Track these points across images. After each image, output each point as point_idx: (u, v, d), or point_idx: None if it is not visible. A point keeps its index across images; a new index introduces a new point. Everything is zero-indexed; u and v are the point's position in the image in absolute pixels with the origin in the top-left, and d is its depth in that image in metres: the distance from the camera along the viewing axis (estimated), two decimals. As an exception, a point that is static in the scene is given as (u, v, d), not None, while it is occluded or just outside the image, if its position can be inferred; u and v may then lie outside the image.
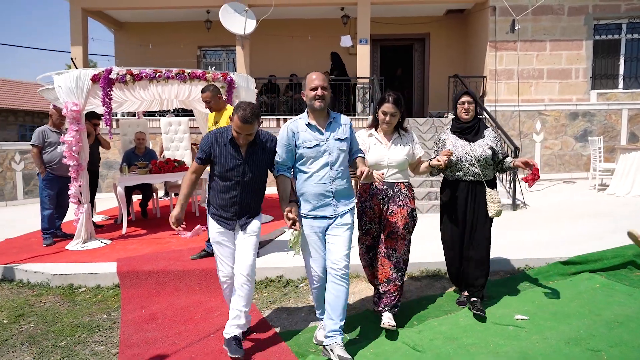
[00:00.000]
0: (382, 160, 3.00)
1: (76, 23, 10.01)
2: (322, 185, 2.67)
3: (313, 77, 2.68)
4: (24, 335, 3.16)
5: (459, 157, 3.14)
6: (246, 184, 2.78)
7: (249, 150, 2.75)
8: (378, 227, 3.07)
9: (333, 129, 2.72)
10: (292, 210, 2.61)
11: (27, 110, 20.89)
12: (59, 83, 4.94)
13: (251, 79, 6.46)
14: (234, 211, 2.80)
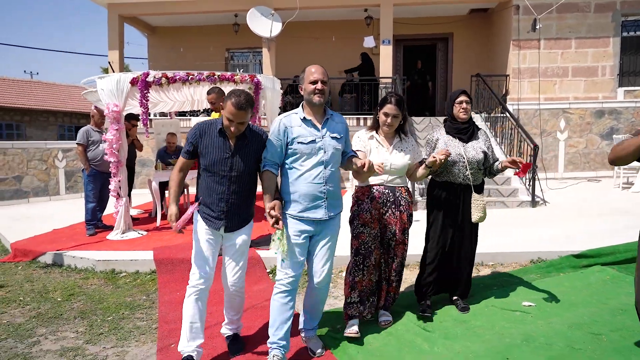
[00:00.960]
0: (385, 165, 2.85)
1: (113, 29, 10.60)
2: (315, 185, 2.52)
3: (312, 70, 2.54)
4: (76, 311, 3.56)
5: (452, 158, 3.01)
6: (235, 180, 2.57)
7: (238, 142, 2.57)
8: (372, 232, 2.91)
9: (330, 126, 2.61)
10: (275, 207, 2.44)
11: (65, 111, 21.95)
12: (101, 86, 5.38)
13: (277, 80, 6.78)
14: (221, 209, 2.57)
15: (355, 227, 2.94)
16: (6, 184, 8.70)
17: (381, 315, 3.08)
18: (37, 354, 2.85)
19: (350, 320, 2.91)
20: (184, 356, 2.54)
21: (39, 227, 6.22)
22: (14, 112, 20.35)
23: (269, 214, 2.44)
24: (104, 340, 3.05)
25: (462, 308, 3.21)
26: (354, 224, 2.95)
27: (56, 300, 3.79)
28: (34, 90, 22.25)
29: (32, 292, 4.00)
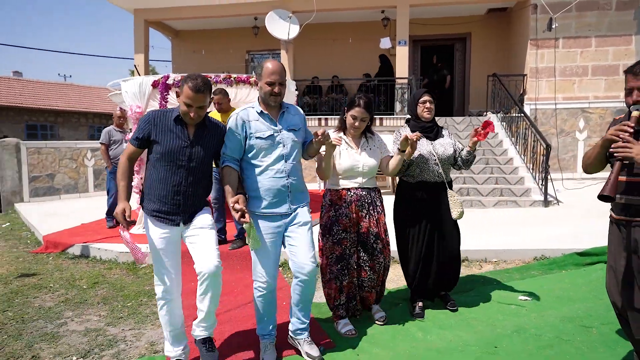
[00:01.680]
0: (357, 166, 2.86)
1: (139, 33, 11.06)
2: (277, 179, 2.48)
3: (270, 70, 2.44)
4: (99, 297, 3.85)
5: (424, 155, 3.02)
6: (192, 170, 2.42)
7: (197, 132, 2.44)
8: (353, 237, 2.90)
9: (286, 119, 2.56)
10: (238, 200, 2.32)
11: (95, 112, 22.82)
12: (125, 89, 5.72)
13: (291, 82, 6.99)
14: (177, 202, 2.41)
15: (335, 233, 2.87)
16: (40, 181, 9.23)
17: (376, 312, 3.12)
18: (64, 333, 3.14)
19: (341, 320, 2.96)
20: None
21: (68, 221, 6.63)
22: (49, 113, 21.32)
23: (233, 208, 2.31)
24: (124, 323, 3.32)
25: (451, 306, 3.21)
26: (333, 230, 2.87)
27: (82, 288, 4.09)
28: (67, 93, 23.23)
29: (61, 279, 4.33)
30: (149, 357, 2.77)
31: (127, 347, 2.93)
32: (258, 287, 2.59)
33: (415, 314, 3.15)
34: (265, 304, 2.61)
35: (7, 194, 8.95)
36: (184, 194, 2.42)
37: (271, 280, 2.56)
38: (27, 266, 4.81)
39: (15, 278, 4.39)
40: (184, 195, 2.42)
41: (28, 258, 5.17)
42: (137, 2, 10.61)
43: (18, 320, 3.36)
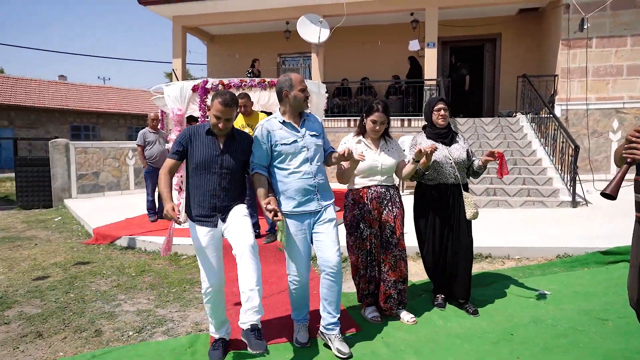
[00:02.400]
0: (376, 166, 3.05)
1: (177, 39, 11.62)
2: (305, 180, 2.71)
3: (299, 79, 2.72)
4: (147, 284, 4.24)
5: (440, 160, 3.20)
6: (224, 176, 2.68)
7: (226, 142, 2.71)
8: (376, 231, 3.09)
9: (308, 126, 2.80)
10: (270, 201, 2.59)
11: (134, 114, 23.84)
12: (167, 93, 6.15)
13: (322, 85, 7.27)
14: (213, 206, 2.66)
15: (363, 230, 3.07)
16: (86, 179, 9.89)
17: (404, 315, 3.18)
18: (119, 313, 3.53)
19: (369, 307, 3.21)
20: (216, 338, 2.79)
21: (113, 216, 7.15)
22: (91, 114, 22.46)
23: (266, 209, 2.55)
24: (170, 306, 3.68)
25: (474, 311, 3.23)
26: (360, 228, 3.07)
27: (131, 275, 4.51)
28: (107, 95, 24.38)
29: (111, 267, 4.77)
30: (195, 334, 3.10)
31: (175, 325, 3.28)
32: (292, 281, 2.84)
33: (437, 304, 3.37)
34: (299, 295, 2.88)
35: (58, 191, 9.64)
36: (219, 197, 2.67)
37: (305, 274, 2.80)
38: (81, 255, 5.29)
39: (72, 265, 4.86)
40: (219, 199, 2.67)
41: (81, 248, 5.66)
42: (176, 9, 11.15)
43: (79, 301, 3.79)
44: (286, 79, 2.76)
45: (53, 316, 3.46)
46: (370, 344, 2.84)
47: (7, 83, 21.10)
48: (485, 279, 3.90)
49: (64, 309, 3.60)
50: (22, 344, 3.01)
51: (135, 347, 2.93)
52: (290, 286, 2.87)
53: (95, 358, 2.77)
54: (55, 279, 4.40)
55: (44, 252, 5.45)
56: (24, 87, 21.27)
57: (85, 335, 3.13)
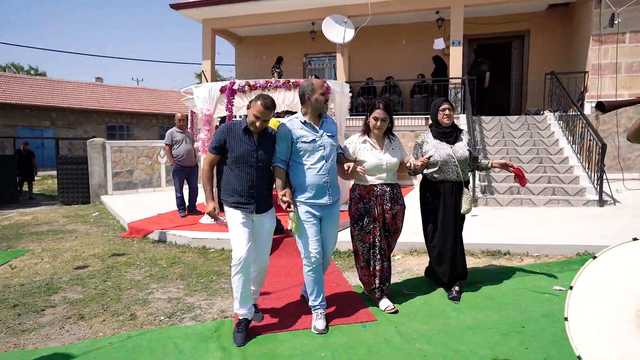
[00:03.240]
0: (381, 164, 3.26)
1: (207, 41, 12.00)
2: (320, 176, 3.01)
3: (319, 84, 3.05)
4: (177, 274, 4.52)
5: (443, 158, 3.42)
6: (260, 169, 3.00)
7: (260, 139, 3.02)
8: (379, 225, 3.31)
9: (325, 127, 3.10)
10: (286, 194, 2.95)
11: (165, 114, 24.62)
12: (197, 94, 6.44)
13: (345, 85, 7.41)
14: (251, 194, 2.98)
15: (366, 224, 3.30)
16: (121, 176, 10.39)
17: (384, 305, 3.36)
18: (151, 300, 3.80)
19: (380, 301, 3.35)
20: (240, 318, 3.00)
21: (146, 211, 7.52)
22: (125, 115, 23.35)
23: (281, 200, 2.93)
24: (198, 295, 3.92)
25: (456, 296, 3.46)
26: (364, 221, 3.30)
27: (162, 266, 4.80)
28: (140, 96, 25.27)
29: (145, 259, 5.07)
30: (220, 320, 3.33)
31: (203, 312, 3.51)
32: (307, 263, 3.08)
33: (452, 297, 3.50)
34: (314, 278, 3.10)
35: (95, 187, 10.17)
36: (256, 187, 3.01)
37: (317, 256, 3.04)
38: (117, 247, 5.64)
39: (109, 256, 5.21)
40: (256, 189, 3.01)
41: (117, 241, 6.03)
42: (205, 12, 11.52)
43: (116, 289, 4.09)
44: (309, 84, 3.07)
45: (93, 301, 3.77)
46: (384, 333, 2.98)
47: (49, 86, 22.22)
48: (501, 275, 3.96)
49: (102, 295, 3.91)
50: (67, 325, 3.31)
51: (166, 330, 3.18)
52: (305, 269, 3.11)
53: (130, 338, 3.04)
54: (94, 268, 4.74)
55: (83, 244, 5.84)
56: (63, 89, 22.34)
57: (122, 318, 3.40)
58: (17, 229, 7.15)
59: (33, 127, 20.27)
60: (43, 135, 20.05)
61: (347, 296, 3.71)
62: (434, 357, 2.65)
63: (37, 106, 20.08)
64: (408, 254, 4.82)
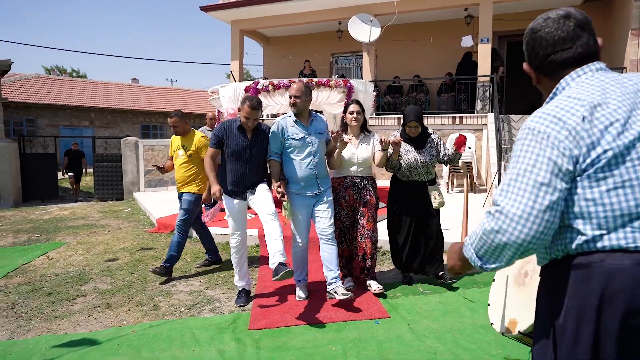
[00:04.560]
0: (353, 157, 3.67)
1: (235, 42, 12.25)
2: (309, 170, 3.39)
3: (293, 88, 3.42)
4: (199, 269, 4.67)
5: (411, 162, 3.77)
6: (252, 161, 3.41)
7: (253, 135, 3.42)
8: (349, 214, 3.72)
9: (314, 125, 3.47)
10: (280, 184, 3.36)
11: (197, 113, 25.23)
12: (222, 93, 6.61)
13: (369, 84, 7.42)
14: (244, 184, 3.43)
15: (337, 210, 3.71)
16: (153, 174, 10.74)
17: (371, 285, 3.72)
18: (174, 292, 3.96)
19: (346, 278, 3.82)
20: (240, 289, 3.65)
21: (175, 208, 7.74)
22: (158, 114, 24.09)
23: (276, 190, 3.34)
24: (218, 288, 4.05)
25: (450, 279, 3.81)
26: (335, 209, 3.69)
27: (186, 260, 4.97)
28: (173, 96, 26.01)
29: (170, 253, 5.27)
30: (237, 313, 3.44)
31: (221, 305, 3.63)
32: (295, 245, 3.53)
33: (406, 282, 3.94)
34: (300, 257, 3.59)
35: (128, 184, 10.58)
36: (249, 178, 3.46)
37: (304, 240, 3.53)
38: (145, 242, 5.87)
39: (137, 250, 5.43)
40: (249, 179, 3.46)
41: (146, 236, 6.27)
42: (234, 14, 11.77)
43: (142, 281, 4.28)
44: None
45: (120, 292, 3.96)
46: (396, 330, 3.00)
47: (89, 87, 23.22)
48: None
49: (129, 287, 4.10)
50: (95, 313, 3.51)
51: (186, 320, 3.32)
52: (294, 249, 3.55)
53: (152, 327, 3.19)
54: (123, 261, 4.97)
55: (114, 238, 6.12)
56: (102, 90, 23.29)
57: (145, 308, 3.57)
58: (56, 223, 7.55)
59: (73, 127, 21.23)
60: (82, 135, 20.98)
61: (362, 293, 3.74)
62: (444, 354, 2.65)
63: (77, 107, 21.02)
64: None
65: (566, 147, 1.08)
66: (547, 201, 1.07)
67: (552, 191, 1.07)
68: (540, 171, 1.08)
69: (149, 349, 2.87)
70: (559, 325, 1.13)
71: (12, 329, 3.24)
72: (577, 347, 1.09)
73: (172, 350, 2.84)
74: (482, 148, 9.26)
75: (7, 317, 3.44)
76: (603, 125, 1.07)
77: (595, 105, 1.09)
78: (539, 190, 1.07)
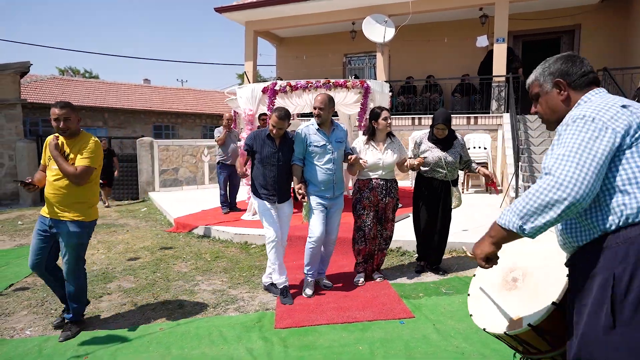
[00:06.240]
0: (379, 162, 3.88)
1: (249, 43, 12.31)
2: (328, 175, 3.67)
3: (317, 100, 3.65)
4: (220, 268, 4.72)
5: (434, 160, 4.03)
6: (280, 167, 3.67)
7: (281, 142, 3.68)
8: (370, 214, 3.93)
9: (335, 134, 3.73)
10: (302, 187, 3.62)
11: (208, 114, 25.40)
12: (240, 94, 6.66)
13: (385, 84, 7.43)
14: (274, 188, 3.67)
15: (357, 210, 3.98)
16: (168, 174, 10.86)
17: (375, 275, 4.16)
18: (197, 291, 4.00)
19: (358, 274, 4.09)
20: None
21: (191, 207, 7.85)
22: (170, 115, 24.27)
23: (297, 192, 3.60)
24: (240, 287, 4.10)
25: (443, 272, 4.24)
26: (357, 208, 3.98)
27: (207, 260, 5.02)
28: (184, 97, 26.18)
29: (190, 252, 5.33)
30: (262, 312, 3.47)
31: (245, 304, 3.67)
32: (310, 241, 3.70)
33: (416, 271, 4.27)
34: (313, 253, 3.74)
35: (143, 184, 10.70)
36: (278, 182, 3.70)
37: (320, 237, 3.69)
38: (164, 241, 5.94)
39: (158, 249, 5.50)
40: (278, 183, 3.70)
41: (164, 235, 6.35)
42: (249, 15, 11.83)
43: (164, 279, 4.33)
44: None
45: (144, 290, 4.02)
46: (422, 330, 3.02)
47: (102, 88, 23.48)
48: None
49: (152, 285, 4.16)
50: (122, 311, 3.57)
51: (212, 319, 3.36)
52: (308, 245, 3.73)
53: (179, 325, 3.24)
54: (145, 260, 5.04)
55: (134, 238, 6.20)
56: (115, 91, 23.53)
57: (171, 307, 3.62)
58: (75, 222, 7.66)
59: (88, 127, 21.46)
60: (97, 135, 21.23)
61: (385, 293, 3.76)
62: (472, 355, 2.66)
63: (91, 107, 21.28)
64: (447, 253, 4.79)
65: (613, 127, 1.34)
66: (594, 168, 1.30)
67: (599, 161, 1.31)
68: (592, 146, 1.32)
69: (178, 346, 2.91)
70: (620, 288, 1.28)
71: (44, 325, 3.31)
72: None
73: (201, 348, 2.88)
74: (497, 148, 9.21)
75: (38, 314, 3.51)
76: (637, 112, 1.37)
77: (624, 104, 1.39)
78: (589, 159, 1.31)
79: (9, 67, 10.41)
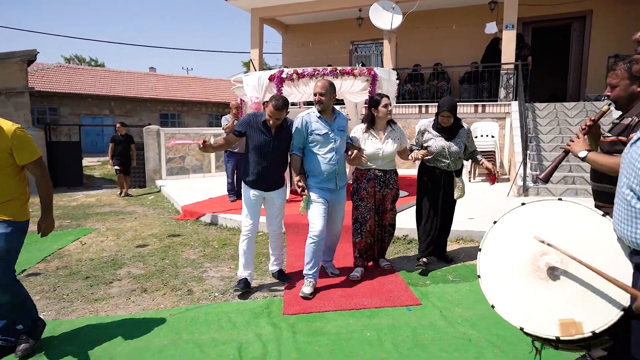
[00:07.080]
0: (378, 152, 3.74)
1: (255, 30, 12.23)
2: (330, 165, 3.47)
3: (317, 86, 3.48)
4: (228, 255, 4.76)
5: (438, 150, 3.89)
6: (274, 156, 3.48)
7: (277, 130, 3.47)
8: (367, 205, 3.83)
9: (337, 122, 3.54)
10: (301, 179, 3.45)
11: (214, 102, 25.38)
12: (246, 82, 6.63)
13: (393, 72, 7.36)
14: (264, 176, 3.49)
15: (355, 200, 3.87)
16: (174, 162, 10.91)
17: (381, 262, 4.13)
18: (205, 277, 4.05)
19: (356, 268, 3.94)
20: (240, 279, 3.61)
21: (198, 195, 7.90)
22: (176, 103, 24.28)
23: (296, 184, 3.43)
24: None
25: (450, 260, 4.21)
26: (354, 198, 3.87)
27: (215, 247, 5.07)
28: (190, 85, 26.15)
29: (198, 240, 5.37)
30: (271, 298, 3.51)
31: (252, 291, 3.71)
32: (311, 237, 3.48)
33: (416, 265, 4.03)
34: (315, 250, 3.51)
35: (150, 172, 10.76)
36: (269, 170, 3.51)
37: (322, 231, 3.47)
38: (172, 229, 6.00)
39: (166, 237, 5.55)
40: (269, 171, 3.52)
41: (172, 223, 6.40)
42: (255, 2, 11.72)
43: (173, 266, 4.38)
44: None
45: (154, 277, 4.07)
46: (429, 317, 3.04)
47: (108, 76, 23.49)
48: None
49: (161, 272, 4.21)
50: (132, 296, 3.62)
51: (220, 305, 3.40)
52: (309, 241, 3.50)
53: (189, 311, 3.28)
54: (153, 247, 5.09)
55: (142, 225, 6.26)
56: (121, 79, 23.54)
57: (180, 293, 3.67)
58: (84, 210, 7.75)
59: (94, 115, 21.57)
60: (104, 123, 21.31)
61: (392, 281, 3.78)
62: (479, 341, 2.68)
63: (98, 95, 21.32)
64: (454, 241, 4.80)
65: None
66: None
67: None
68: None
69: (188, 331, 2.96)
70: None
71: (57, 309, 3.37)
72: None
73: (210, 333, 2.92)
74: (505, 137, 9.14)
75: (50, 299, 3.58)
76: None
77: None
78: None
79: (15, 55, 10.42)
